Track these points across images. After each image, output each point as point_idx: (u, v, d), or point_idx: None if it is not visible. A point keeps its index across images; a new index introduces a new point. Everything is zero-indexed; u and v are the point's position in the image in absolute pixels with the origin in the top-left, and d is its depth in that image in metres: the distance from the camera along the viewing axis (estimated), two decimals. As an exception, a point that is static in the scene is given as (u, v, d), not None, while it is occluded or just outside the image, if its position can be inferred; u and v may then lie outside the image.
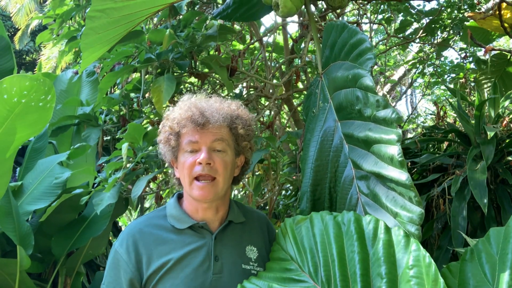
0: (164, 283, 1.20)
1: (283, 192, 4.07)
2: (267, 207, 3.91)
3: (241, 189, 4.12)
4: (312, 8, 1.91)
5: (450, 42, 4.18)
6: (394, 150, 1.19)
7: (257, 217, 1.43)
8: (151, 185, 3.38)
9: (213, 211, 1.29)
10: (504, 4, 2.66)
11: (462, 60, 4.38)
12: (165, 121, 1.30)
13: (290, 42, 3.26)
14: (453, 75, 4.68)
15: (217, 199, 1.28)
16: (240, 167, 1.35)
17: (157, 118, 2.32)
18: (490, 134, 2.31)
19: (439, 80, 4.74)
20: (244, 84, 3.14)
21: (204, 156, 1.21)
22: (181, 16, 2.39)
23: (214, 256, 1.25)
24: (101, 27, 1.47)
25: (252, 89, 3.15)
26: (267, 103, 3.49)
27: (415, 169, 2.68)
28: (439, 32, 3.88)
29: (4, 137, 1.89)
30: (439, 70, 4.78)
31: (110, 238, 3.76)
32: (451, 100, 3.18)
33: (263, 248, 1.35)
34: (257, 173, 3.24)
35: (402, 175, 1.16)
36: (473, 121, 2.48)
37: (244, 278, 1.24)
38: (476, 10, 3.60)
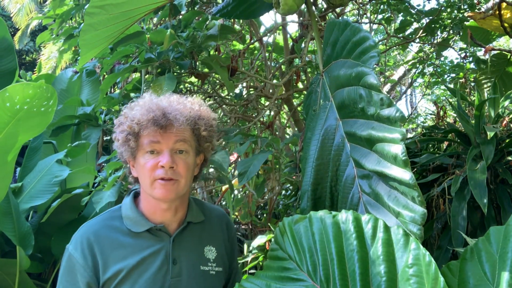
0: None
1: (283, 192, 4.08)
2: (267, 207, 3.91)
3: (241, 189, 4.12)
4: (312, 7, 1.91)
5: (450, 42, 4.18)
6: (398, 149, 1.18)
7: (217, 215, 1.40)
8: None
9: (172, 213, 1.26)
10: (504, 4, 2.66)
11: (462, 60, 4.38)
12: (123, 119, 1.22)
13: (290, 42, 3.27)
14: (453, 75, 4.68)
15: (177, 199, 1.24)
16: (199, 166, 1.32)
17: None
18: (490, 134, 2.31)
19: (439, 80, 4.74)
20: (244, 84, 3.14)
21: (167, 160, 1.16)
22: (181, 16, 2.39)
23: (172, 259, 1.22)
24: (100, 24, 1.46)
25: (252, 89, 3.15)
26: (267, 103, 3.49)
27: (415, 169, 2.68)
28: (439, 32, 3.88)
29: (4, 141, 1.90)
30: (439, 70, 4.78)
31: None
32: (451, 100, 3.18)
33: (222, 247, 1.34)
34: (258, 173, 3.24)
35: (405, 174, 1.16)
36: (473, 121, 2.48)
37: (203, 280, 1.25)
38: (476, 10, 3.60)
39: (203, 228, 1.33)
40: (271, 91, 3.14)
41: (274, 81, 3.14)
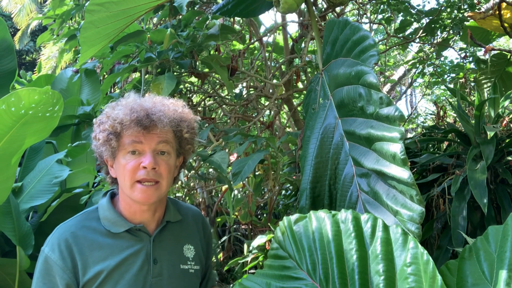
0: None
1: (283, 192, 4.08)
2: (267, 207, 3.91)
3: (241, 189, 4.12)
4: (312, 7, 1.92)
5: (450, 42, 4.18)
6: (397, 148, 1.18)
7: (192, 214, 1.40)
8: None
9: (151, 213, 1.25)
10: (504, 4, 2.66)
11: (462, 60, 4.38)
12: (105, 119, 1.20)
13: (290, 42, 3.27)
14: (453, 75, 4.68)
15: (158, 201, 1.24)
16: (178, 167, 1.32)
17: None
18: (490, 134, 2.31)
19: (439, 80, 4.74)
20: (244, 84, 3.15)
21: (150, 161, 1.15)
22: (181, 16, 2.40)
23: (153, 259, 1.22)
24: (100, 21, 1.47)
25: (252, 89, 3.15)
26: (267, 103, 3.50)
27: (415, 169, 2.69)
28: (439, 32, 3.88)
29: (8, 144, 1.90)
30: (439, 70, 4.78)
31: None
32: (451, 100, 3.18)
33: (199, 246, 1.35)
34: (257, 173, 3.24)
35: (404, 173, 1.16)
36: (473, 121, 2.48)
37: (183, 278, 1.25)
38: (476, 10, 3.60)
39: (181, 227, 1.33)
40: (271, 91, 3.14)
41: (274, 81, 3.14)
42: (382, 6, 3.81)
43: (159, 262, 1.23)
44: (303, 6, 2.95)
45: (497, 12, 2.66)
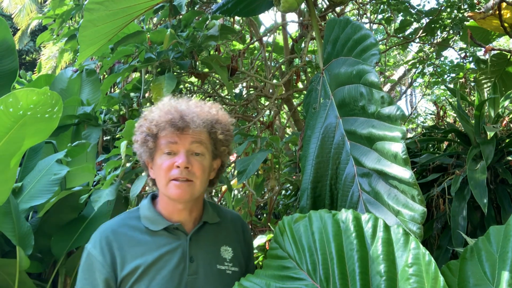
0: (139, 286, 1.20)
1: (283, 192, 4.07)
2: (267, 207, 3.91)
3: (241, 189, 4.12)
4: (313, 6, 1.91)
5: (450, 42, 4.18)
6: (398, 147, 1.18)
7: (231, 217, 1.43)
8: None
9: (187, 212, 1.29)
10: (504, 4, 2.65)
11: (462, 60, 4.38)
12: (143, 121, 1.27)
13: (290, 42, 3.27)
14: (453, 75, 4.67)
15: (192, 200, 1.28)
16: (216, 170, 1.35)
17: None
18: (490, 134, 2.31)
19: (439, 80, 4.74)
20: (244, 84, 3.14)
21: (183, 160, 1.20)
22: (181, 16, 2.39)
23: (189, 257, 1.25)
24: (99, 20, 1.47)
25: (252, 89, 3.15)
26: (267, 103, 3.49)
27: (415, 169, 2.68)
28: (439, 32, 3.88)
29: (7, 145, 1.90)
30: (439, 70, 4.78)
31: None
32: (451, 100, 3.18)
33: (238, 248, 1.36)
34: (258, 173, 3.24)
35: (405, 173, 1.16)
36: (473, 121, 2.48)
37: (219, 278, 1.26)
38: (476, 10, 3.60)
39: (219, 229, 1.36)
40: (271, 91, 3.14)
41: (274, 81, 3.14)
42: (382, 6, 3.80)
43: (195, 261, 1.25)
44: (303, 6, 2.95)
45: (497, 12, 2.65)
